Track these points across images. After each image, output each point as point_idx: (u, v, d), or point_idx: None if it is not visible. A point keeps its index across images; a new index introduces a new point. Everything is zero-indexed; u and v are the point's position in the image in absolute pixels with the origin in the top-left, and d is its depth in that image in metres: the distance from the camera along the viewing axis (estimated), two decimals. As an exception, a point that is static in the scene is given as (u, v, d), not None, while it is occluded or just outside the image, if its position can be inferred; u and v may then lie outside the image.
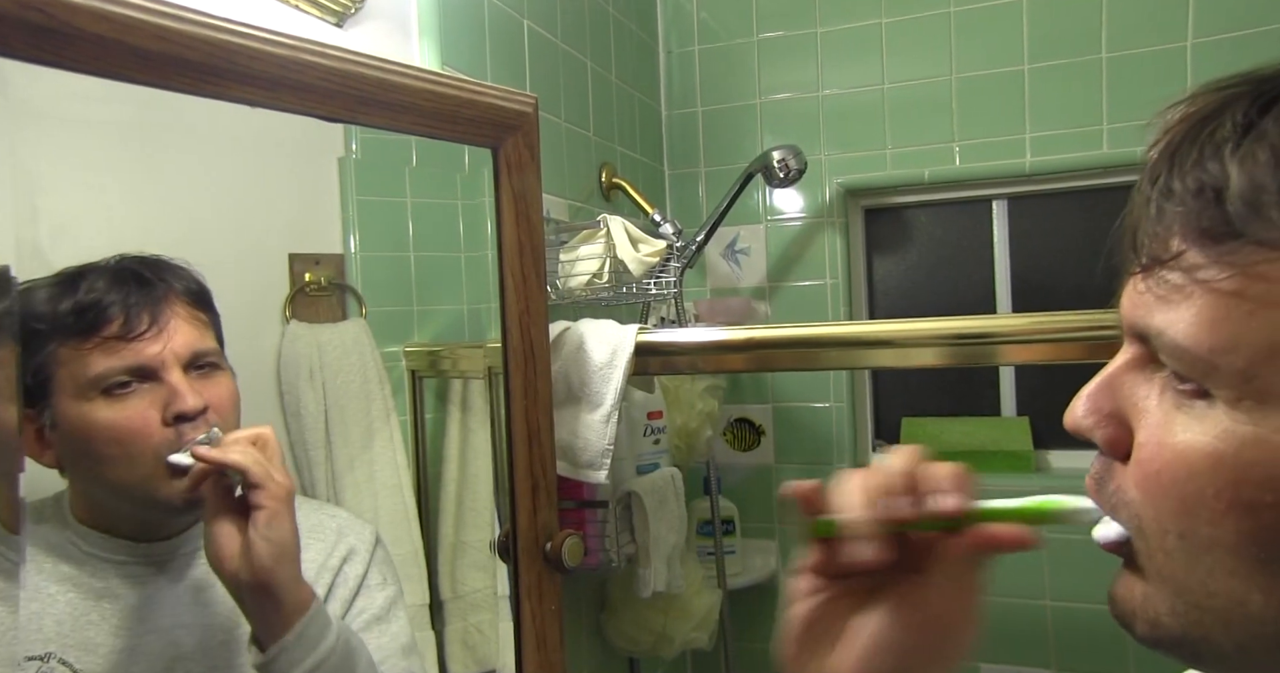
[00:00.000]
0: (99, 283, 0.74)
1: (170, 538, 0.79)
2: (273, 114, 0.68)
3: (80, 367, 0.71)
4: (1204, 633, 0.34)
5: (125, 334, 0.73)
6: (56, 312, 0.72)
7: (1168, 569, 0.35)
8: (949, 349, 1.05)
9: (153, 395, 0.73)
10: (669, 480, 1.54)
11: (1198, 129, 0.33)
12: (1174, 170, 0.33)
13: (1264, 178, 0.30)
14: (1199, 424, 0.33)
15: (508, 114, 0.83)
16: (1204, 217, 0.31)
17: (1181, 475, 0.33)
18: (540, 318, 0.87)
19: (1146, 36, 1.78)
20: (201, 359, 0.77)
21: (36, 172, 0.75)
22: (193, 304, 0.79)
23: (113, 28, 0.54)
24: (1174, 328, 0.33)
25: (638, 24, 2.02)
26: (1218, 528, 0.32)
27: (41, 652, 0.70)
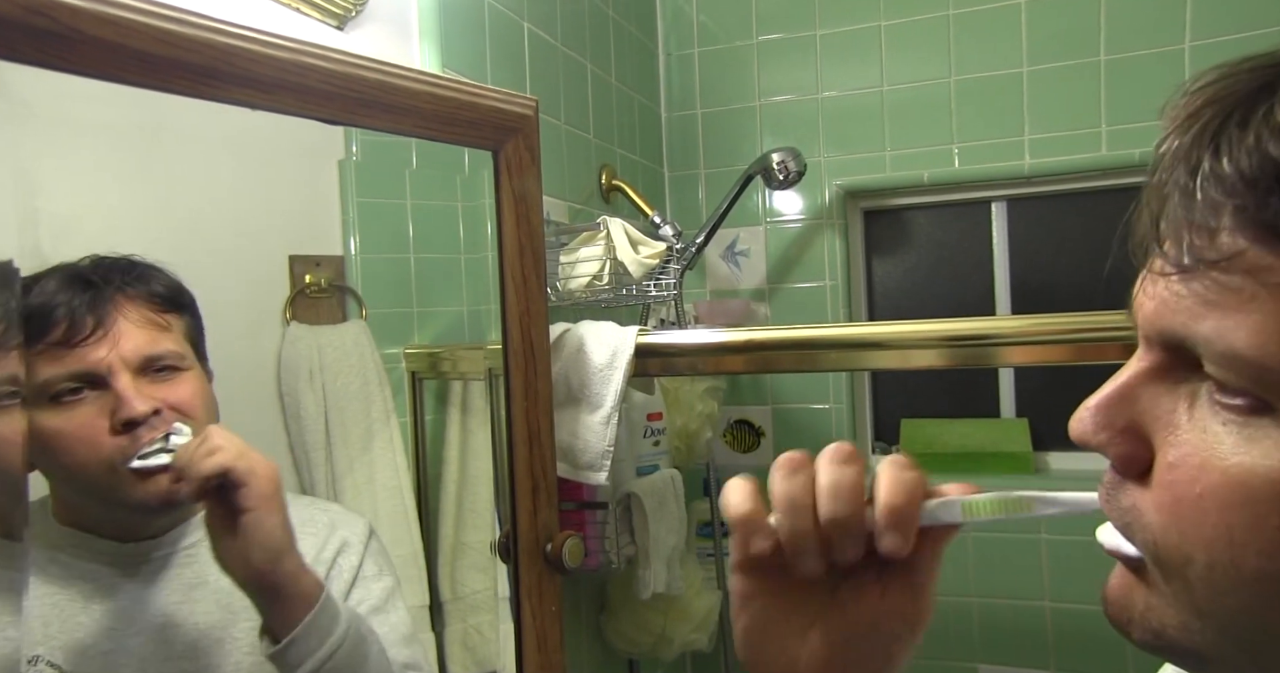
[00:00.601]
0: (49, 286, 0.72)
1: (155, 538, 0.78)
2: (273, 116, 0.69)
3: (31, 373, 0.69)
4: (1219, 653, 0.32)
5: (69, 339, 0.70)
6: (12, 317, 0.69)
7: (1185, 596, 0.32)
8: (948, 351, 1.05)
9: (101, 402, 0.71)
10: (669, 482, 1.54)
11: (1246, 109, 0.28)
12: (1220, 155, 0.28)
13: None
14: (1258, 445, 0.29)
15: (508, 116, 0.84)
16: (1268, 208, 0.27)
17: (1234, 500, 0.29)
18: (540, 319, 0.88)
19: (1145, 39, 1.79)
20: (158, 362, 0.75)
21: (37, 173, 0.75)
22: (152, 306, 0.77)
23: (116, 31, 0.54)
24: (1232, 335, 0.28)
25: (637, 26, 2.03)
26: (1267, 559, 0.29)
27: (29, 654, 0.70)
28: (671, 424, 1.67)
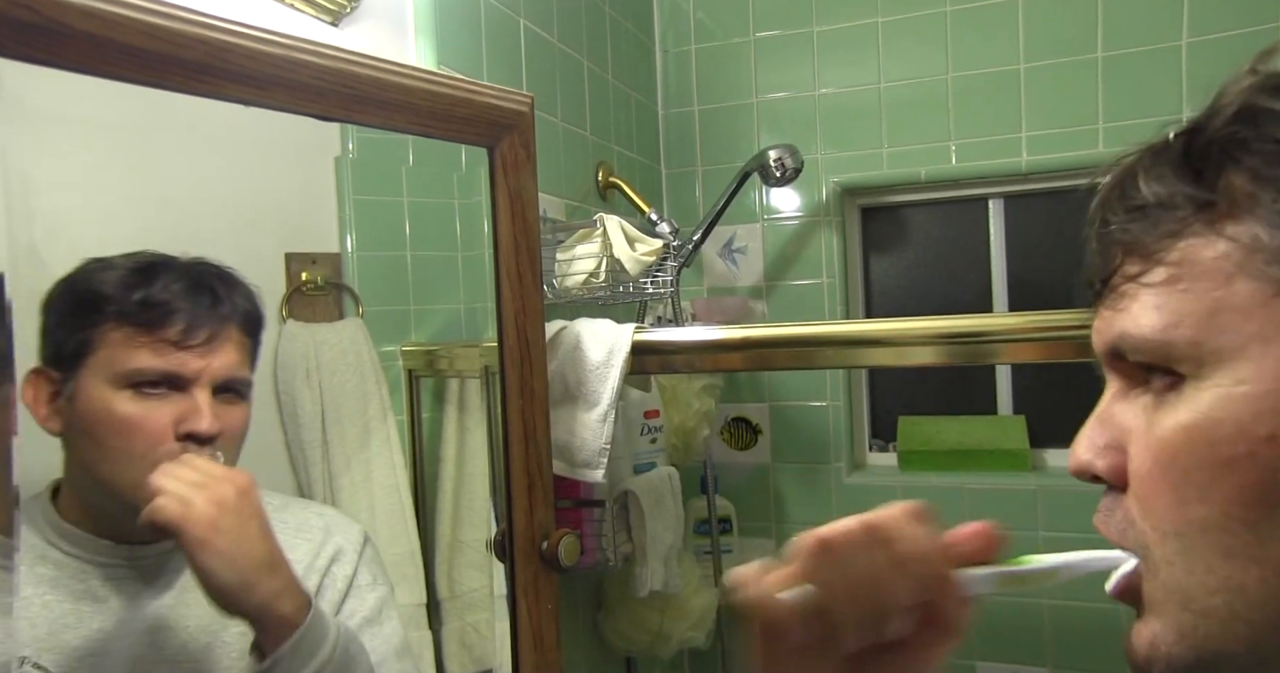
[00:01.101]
0: (175, 285, 0.76)
1: (153, 543, 0.78)
2: (269, 113, 0.68)
3: (124, 355, 0.73)
4: (1216, 646, 0.35)
5: (179, 341, 0.74)
6: (125, 297, 0.74)
7: (1172, 581, 0.36)
8: (945, 348, 1.05)
9: (175, 406, 0.74)
10: (666, 480, 1.54)
11: (1120, 178, 0.40)
12: (1108, 209, 0.40)
13: (1166, 187, 0.37)
14: (1172, 409, 0.36)
15: (503, 113, 0.83)
16: (1133, 230, 0.38)
17: (1166, 461, 0.36)
18: (536, 317, 0.87)
19: (1142, 36, 1.78)
20: (234, 385, 0.79)
21: (32, 171, 0.75)
22: (244, 328, 0.81)
23: (103, 25, 0.54)
24: (1130, 325, 0.38)
25: (634, 23, 2.02)
26: (1207, 505, 0.34)
27: (16, 656, 0.69)
28: (669, 422, 1.67)
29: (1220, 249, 0.35)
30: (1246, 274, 0.34)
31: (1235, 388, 0.34)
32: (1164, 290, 0.36)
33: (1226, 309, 0.35)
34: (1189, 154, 0.37)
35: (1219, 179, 0.36)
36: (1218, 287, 0.35)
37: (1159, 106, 1.76)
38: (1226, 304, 0.35)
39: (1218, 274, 0.35)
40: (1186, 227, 0.36)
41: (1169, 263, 0.36)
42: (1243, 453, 0.33)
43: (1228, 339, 0.34)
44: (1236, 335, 0.34)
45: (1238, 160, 0.35)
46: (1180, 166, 0.37)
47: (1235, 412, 0.34)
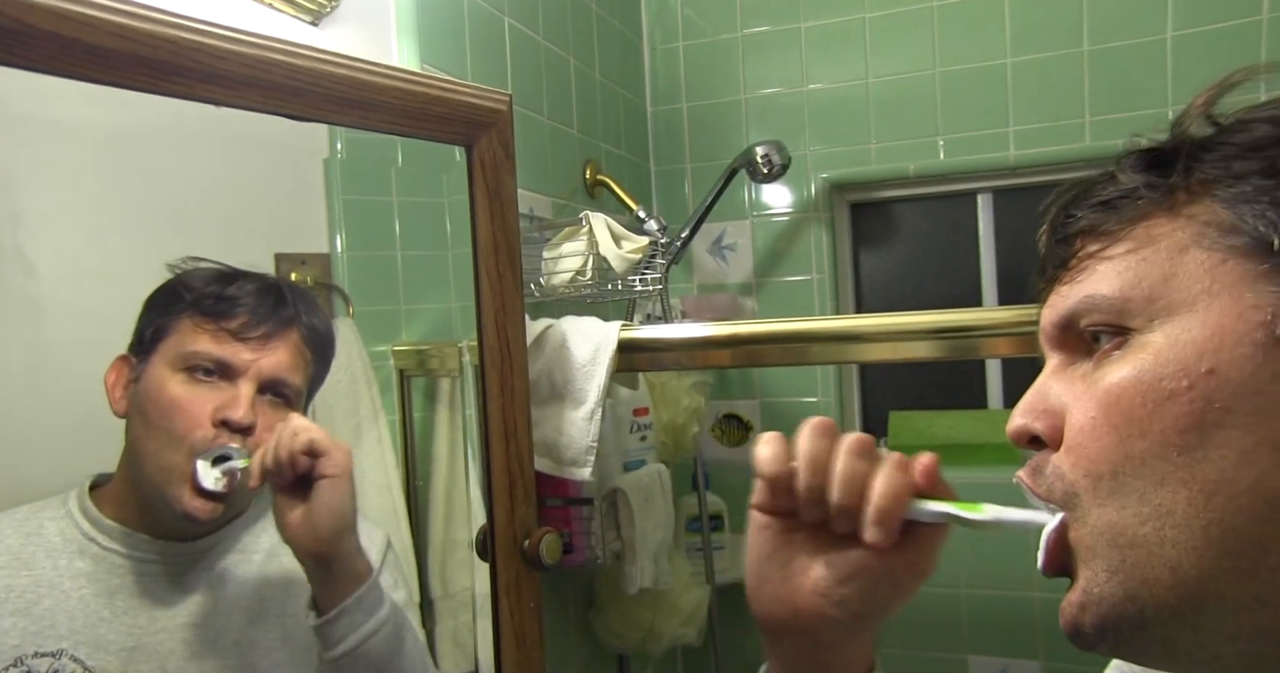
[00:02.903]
0: (249, 285, 0.81)
1: (189, 541, 0.80)
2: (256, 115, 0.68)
3: (188, 340, 0.77)
4: (1143, 574, 0.38)
5: (239, 332, 0.78)
6: (204, 289, 0.79)
7: (1102, 521, 0.40)
8: (936, 342, 1.05)
9: (219, 394, 0.77)
10: (655, 477, 1.54)
11: (1082, 186, 0.45)
12: (1071, 207, 0.45)
13: (1133, 179, 0.43)
14: (1121, 362, 0.40)
15: (481, 111, 0.83)
16: (1097, 218, 0.43)
17: (1110, 404, 0.40)
18: (516, 316, 0.87)
19: (1127, 29, 1.78)
20: (280, 387, 0.81)
21: (18, 173, 0.75)
22: (306, 341, 0.84)
23: (70, 26, 0.53)
24: (1090, 290, 0.42)
25: (621, 20, 2.02)
26: (1145, 437, 0.38)
27: (54, 648, 0.71)
28: (658, 419, 1.67)
29: (1177, 226, 0.40)
30: (1200, 246, 0.39)
31: (1183, 335, 0.38)
32: (1124, 259, 0.41)
33: (1180, 273, 0.39)
34: (1158, 152, 0.42)
35: (1182, 172, 0.41)
36: (1173, 256, 0.40)
37: (1145, 100, 1.76)
38: (1181, 269, 0.39)
39: (1174, 246, 0.40)
40: (1148, 212, 0.41)
41: (1128, 239, 0.41)
42: (1184, 387, 0.37)
43: (1179, 296, 0.39)
44: (1188, 293, 0.39)
45: (1200, 158, 0.40)
46: (1148, 163, 0.42)
47: (1181, 353, 0.38)
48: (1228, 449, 0.37)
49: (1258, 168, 0.39)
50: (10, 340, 0.76)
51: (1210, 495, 0.37)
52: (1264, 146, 0.40)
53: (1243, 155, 0.40)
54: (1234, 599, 0.37)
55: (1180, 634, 0.39)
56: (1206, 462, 0.37)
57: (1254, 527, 0.36)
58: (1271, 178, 0.39)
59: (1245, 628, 0.38)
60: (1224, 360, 0.37)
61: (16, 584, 0.72)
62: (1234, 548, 0.37)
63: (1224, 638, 0.38)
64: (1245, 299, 0.37)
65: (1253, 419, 0.36)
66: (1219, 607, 0.37)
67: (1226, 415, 0.37)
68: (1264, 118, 0.41)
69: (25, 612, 0.71)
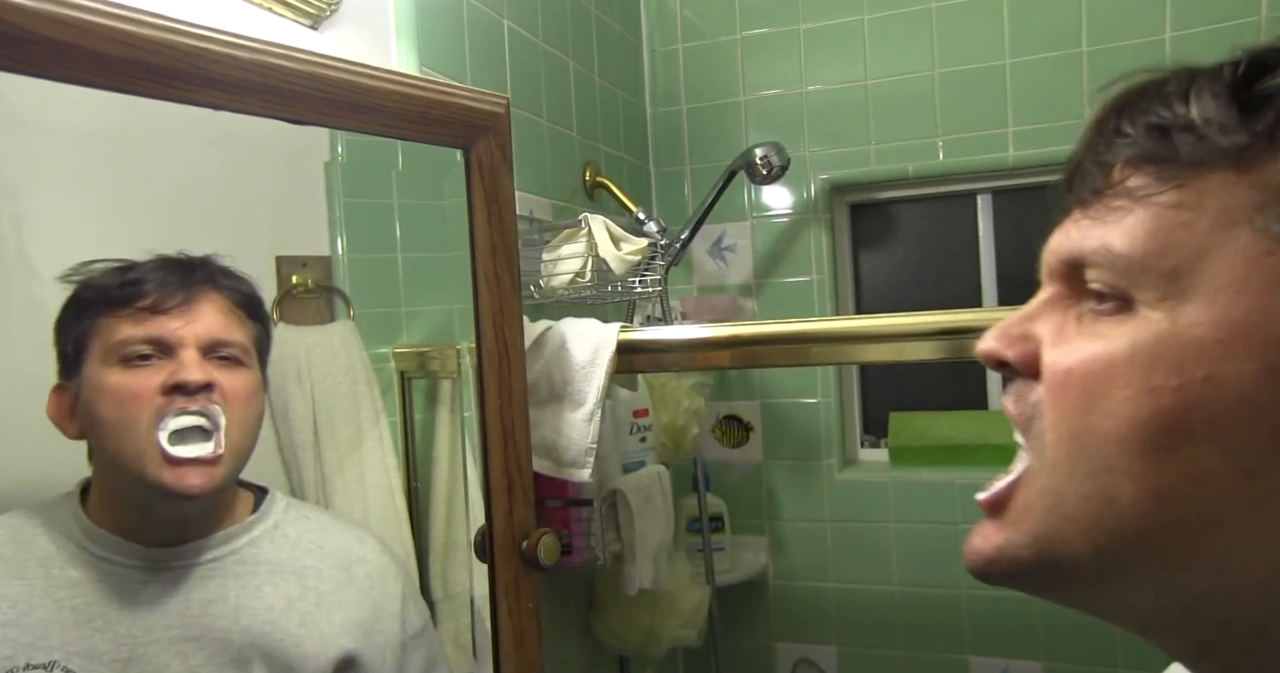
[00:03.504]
0: (148, 265, 0.78)
1: (179, 545, 0.79)
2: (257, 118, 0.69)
3: (109, 334, 0.75)
4: (1066, 550, 0.37)
5: (154, 307, 0.76)
6: (105, 285, 0.76)
7: (1050, 483, 0.38)
8: (936, 343, 1.05)
9: (164, 369, 0.76)
10: (655, 478, 1.54)
11: (1144, 91, 0.38)
12: (1124, 118, 0.37)
13: (1207, 112, 0.35)
14: (1117, 329, 0.36)
15: (478, 115, 0.84)
16: (1149, 147, 0.36)
17: (1093, 367, 0.36)
18: (514, 318, 0.88)
19: (1126, 30, 1.79)
20: (222, 348, 0.80)
21: (20, 177, 0.76)
22: (234, 302, 0.83)
23: (69, 32, 0.54)
24: (1110, 239, 0.36)
25: (620, 23, 2.02)
26: (1112, 419, 0.35)
27: (46, 660, 0.70)
28: (658, 420, 1.67)
29: (1237, 193, 0.34)
30: (1252, 225, 0.33)
31: (1190, 328, 0.34)
32: (1163, 215, 0.35)
33: (1215, 254, 0.34)
34: (1248, 85, 0.35)
35: (1268, 122, 0.34)
36: (1218, 229, 0.34)
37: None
38: (1220, 249, 0.34)
39: (1224, 216, 0.34)
40: (1213, 159, 0.34)
41: (1186, 188, 0.35)
42: (1173, 386, 0.34)
43: (1204, 281, 0.34)
44: (1214, 280, 0.34)
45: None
46: (1230, 96, 0.35)
47: (1182, 348, 0.34)
48: (1193, 463, 0.34)
49: None
50: (14, 342, 0.76)
51: (1158, 501, 0.35)
52: None
53: None
54: (1143, 586, 0.36)
55: (1081, 599, 0.39)
56: (1165, 468, 0.34)
57: (1190, 538, 0.35)
58: None
59: (1143, 605, 0.37)
60: (1226, 371, 0.33)
61: (9, 594, 0.71)
62: (1163, 551, 0.35)
63: (1118, 608, 0.38)
64: (1274, 309, 0.32)
65: (1232, 440, 0.33)
66: (1125, 589, 0.37)
67: (1205, 428, 0.34)
68: None
69: (16, 623, 0.70)
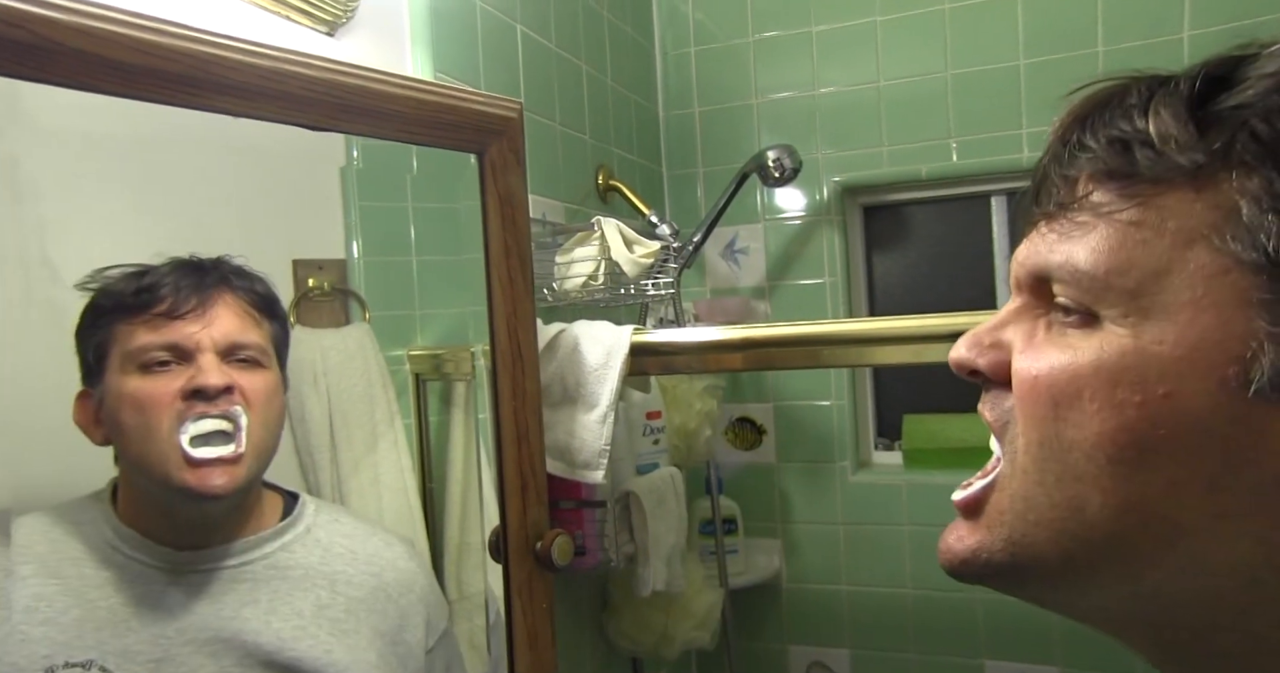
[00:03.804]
0: (163, 270, 0.79)
1: (208, 548, 0.79)
2: (274, 125, 0.70)
3: (127, 341, 0.75)
4: (1035, 552, 0.38)
5: (170, 312, 0.77)
6: (121, 292, 0.77)
7: (1022, 490, 0.39)
8: (949, 346, 1.04)
9: (183, 374, 0.76)
10: (668, 480, 1.55)
11: (1106, 100, 0.38)
12: (1087, 130, 0.38)
13: (1165, 129, 0.35)
14: (1084, 341, 0.37)
15: (491, 119, 0.85)
16: (1112, 162, 0.36)
17: (1059, 378, 0.37)
18: (528, 321, 0.88)
19: (1142, 30, 1.78)
20: (242, 351, 0.80)
21: (43, 182, 0.77)
22: (250, 303, 0.83)
23: (93, 42, 0.55)
24: (1075, 256, 0.37)
25: (633, 26, 2.03)
26: (1081, 430, 0.36)
27: (83, 659, 0.70)
28: (671, 423, 1.67)
29: (1195, 211, 0.34)
30: (1208, 243, 0.34)
31: (1152, 345, 0.35)
32: (1125, 232, 0.36)
33: (1176, 272, 0.34)
34: (1204, 103, 0.35)
35: (1226, 140, 0.34)
36: (1178, 248, 0.34)
37: (1159, 101, 1.75)
38: (1177, 267, 0.34)
39: (1183, 234, 0.34)
40: (1171, 178, 0.35)
41: (1146, 206, 0.35)
42: (1136, 401, 0.35)
43: (1165, 299, 0.35)
44: (1175, 298, 0.34)
45: (1254, 130, 0.33)
46: (1187, 114, 0.35)
47: (1144, 365, 0.35)
48: (1156, 476, 0.35)
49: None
50: (37, 346, 0.77)
51: (1124, 511, 0.35)
52: None
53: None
54: (1110, 592, 0.37)
55: (1050, 599, 0.40)
56: (1130, 480, 0.35)
57: (1155, 548, 0.35)
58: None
59: (1114, 611, 0.38)
60: (1185, 389, 0.34)
61: (45, 593, 0.71)
62: (1129, 560, 0.36)
63: (1089, 612, 0.39)
64: (1232, 326, 0.33)
65: (1192, 456, 0.34)
66: (1094, 594, 0.38)
67: (1167, 444, 0.34)
68: None
69: (54, 621, 0.71)
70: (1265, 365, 0.32)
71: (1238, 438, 0.33)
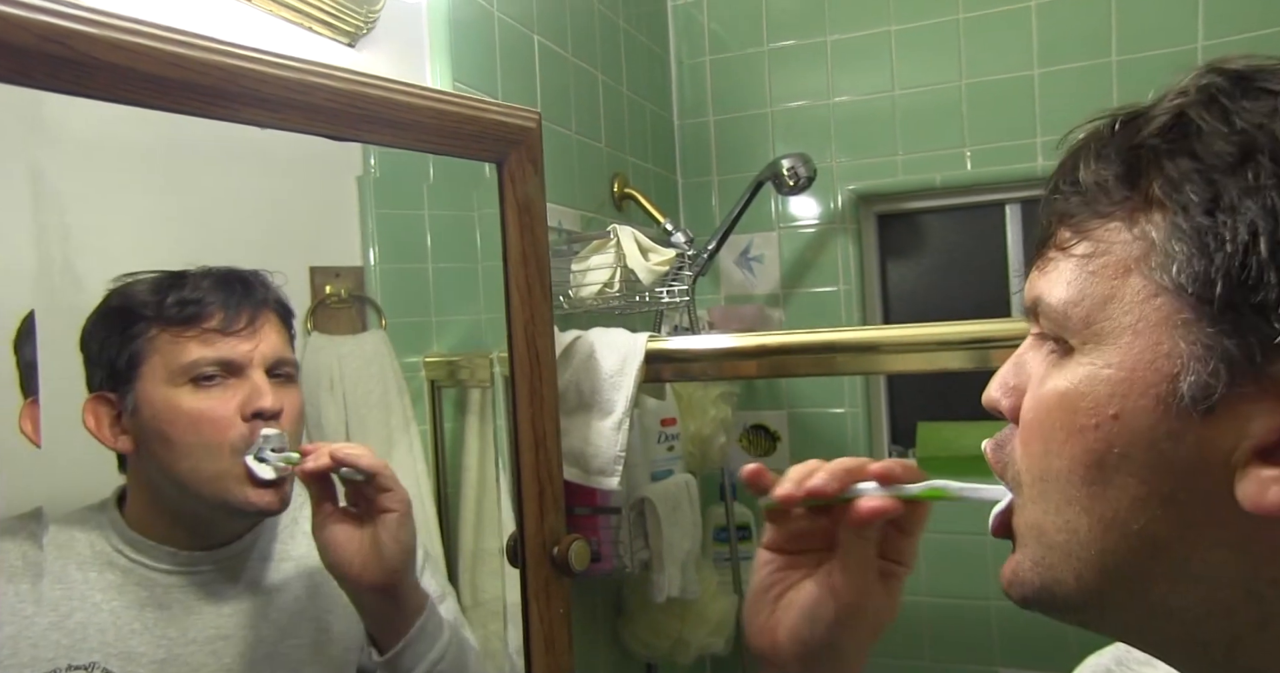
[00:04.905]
0: (204, 282, 0.79)
1: (215, 549, 0.80)
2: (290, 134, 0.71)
3: (176, 354, 0.75)
4: (1055, 575, 0.40)
5: (223, 328, 0.77)
6: (162, 301, 0.76)
7: (1032, 518, 0.41)
8: (963, 353, 1.05)
9: (235, 391, 0.76)
10: (683, 487, 1.55)
11: (1076, 150, 0.42)
12: (1060, 177, 0.42)
13: (1100, 169, 0.39)
14: (1059, 373, 0.40)
15: (510, 129, 0.86)
16: (1072, 203, 0.40)
17: (1042, 415, 0.40)
18: (545, 327, 0.89)
19: (1157, 39, 1.78)
20: (281, 367, 0.81)
21: (65, 190, 0.78)
22: (281, 318, 0.84)
23: (128, 57, 0.56)
24: (1046, 291, 0.41)
25: (648, 36, 2.04)
26: (1061, 458, 0.39)
27: (86, 662, 0.71)
28: (685, 429, 1.68)
29: (1127, 239, 0.37)
30: (1140, 271, 0.37)
31: (1103, 369, 0.38)
32: (1079, 265, 0.39)
33: (1117, 299, 0.37)
34: (1124, 147, 0.39)
35: (1144, 176, 0.37)
36: (1117, 276, 0.38)
37: (1175, 109, 1.75)
38: (1118, 295, 0.37)
39: (1119, 265, 0.38)
40: (1112, 212, 0.38)
41: (1091, 240, 0.39)
42: (1093, 425, 0.38)
43: (1110, 325, 0.38)
44: (1117, 324, 0.37)
45: (1160, 167, 0.37)
46: (1114, 156, 0.39)
47: (1097, 389, 0.38)
48: (1122, 493, 0.37)
49: (1202, 198, 0.35)
50: (59, 352, 0.78)
51: (1106, 528, 0.38)
52: (1218, 170, 0.35)
53: (1192, 176, 0.35)
54: (1130, 609, 0.39)
55: (1087, 621, 0.41)
56: (1104, 499, 0.38)
57: (1143, 561, 0.38)
58: (1211, 215, 0.34)
59: (1144, 629, 0.40)
60: (1129, 408, 0.36)
61: (50, 597, 0.71)
62: (1126, 576, 0.38)
63: (1125, 632, 0.42)
64: (1161, 346, 0.36)
65: (1146, 471, 0.36)
66: (1117, 612, 0.40)
67: (1124, 462, 0.37)
68: (1240, 127, 0.35)
69: (58, 625, 0.71)
70: (1190, 382, 0.35)
71: (1179, 451, 0.35)
